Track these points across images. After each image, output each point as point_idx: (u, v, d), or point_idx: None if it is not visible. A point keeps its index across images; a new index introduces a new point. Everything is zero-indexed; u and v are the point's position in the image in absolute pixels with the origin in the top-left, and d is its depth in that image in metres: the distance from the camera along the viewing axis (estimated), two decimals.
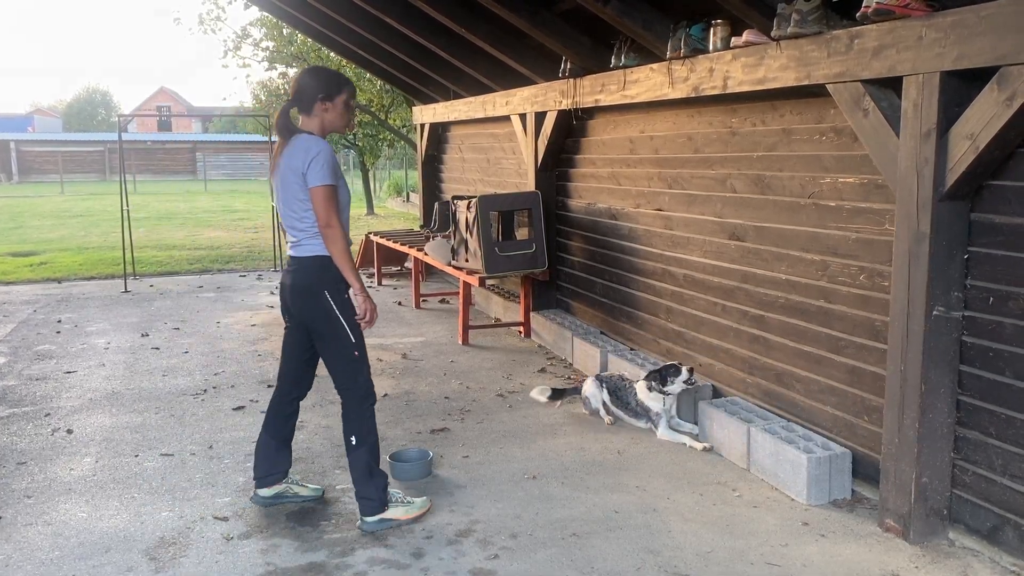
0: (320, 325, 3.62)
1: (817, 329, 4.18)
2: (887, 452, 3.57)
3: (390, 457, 4.29)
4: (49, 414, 5.31)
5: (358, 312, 3.64)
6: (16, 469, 4.40)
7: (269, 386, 5.83)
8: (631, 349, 5.95)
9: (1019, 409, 3.19)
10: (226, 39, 21.59)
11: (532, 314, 7.15)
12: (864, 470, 3.92)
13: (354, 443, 3.65)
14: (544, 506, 3.88)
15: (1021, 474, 3.20)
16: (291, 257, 3.67)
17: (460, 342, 7.06)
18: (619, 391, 4.99)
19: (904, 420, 3.45)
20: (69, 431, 4.98)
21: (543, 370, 6.21)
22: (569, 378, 5.97)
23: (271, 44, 17.74)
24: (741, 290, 4.76)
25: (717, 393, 5.03)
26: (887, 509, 3.57)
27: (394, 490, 3.77)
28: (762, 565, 3.31)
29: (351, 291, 3.63)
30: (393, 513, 3.66)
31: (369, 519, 3.63)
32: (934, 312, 3.35)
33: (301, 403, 3.98)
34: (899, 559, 3.35)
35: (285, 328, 3.89)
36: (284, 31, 17.14)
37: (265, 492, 3.86)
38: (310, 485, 3.98)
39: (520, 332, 7.27)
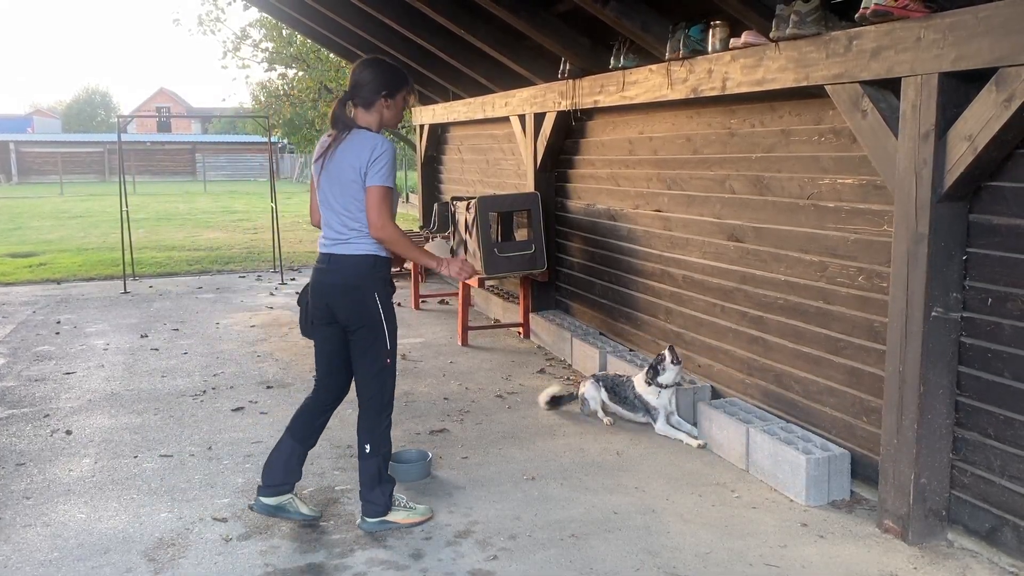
0: (362, 326, 3.51)
1: (816, 330, 4.18)
2: (886, 453, 3.57)
3: None
4: (48, 415, 5.31)
5: (462, 270, 3.64)
6: (15, 470, 4.40)
7: (268, 387, 5.83)
8: (630, 350, 5.95)
9: (1018, 410, 3.19)
10: (225, 40, 21.59)
11: (531, 315, 7.15)
12: (863, 471, 3.92)
13: (368, 451, 3.59)
14: (543, 507, 3.88)
15: (1020, 475, 3.20)
16: (331, 255, 3.52)
17: (459, 343, 7.06)
18: (617, 387, 5.00)
19: (903, 421, 3.46)
20: (68, 432, 4.98)
21: (542, 371, 6.21)
22: (568, 379, 5.97)
23: (270, 45, 17.76)
24: (740, 291, 4.76)
25: (716, 394, 5.03)
26: (886, 510, 3.58)
27: (399, 495, 3.74)
28: (761, 566, 3.32)
29: (438, 265, 3.62)
30: (394, 516, 3.65)
31: (370, 519, 3.63)
32: (933, 313, 3.35)
33: (298, 404, 3.94)
34: (898, 560, 3.35)
35: (320, 337, 3.67)
36: (283, 32, 17.15)
37: (270, 501, 3.68)
38: (310, 506, 3.80)
39: (519, 333, 7.27)
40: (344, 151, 3.44)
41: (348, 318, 3.53)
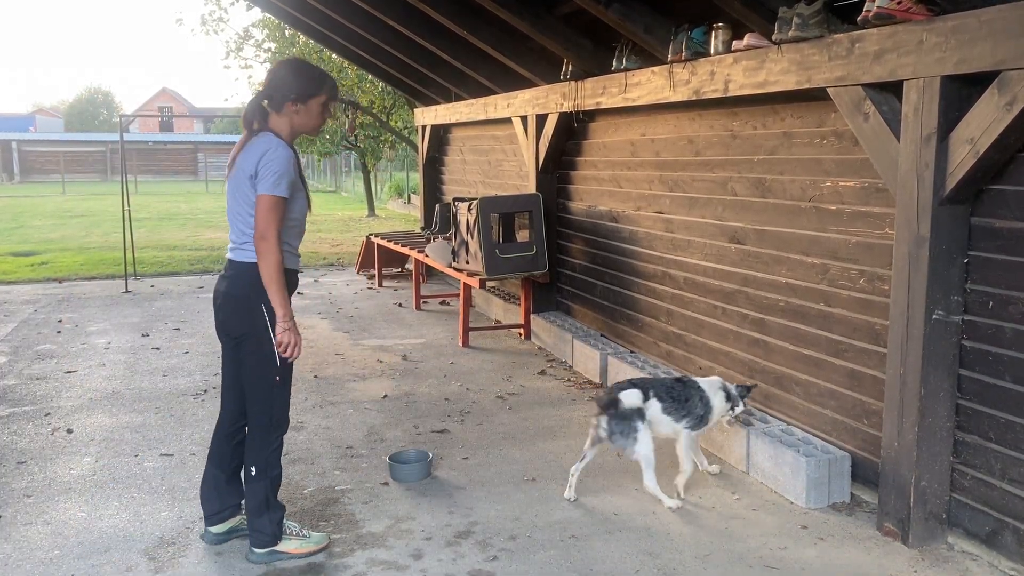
0: (248, 337, 3.31)
1: (817, 332, 4.18)
2: (886, 456, 3.57)
3: (389, 458, 4.30)
4: (49, 413, 5.31)
5: (279, 345, 3.27)
6: (16, 468, 4.40)
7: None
8: (631, 352, 5.95)
9: (1018, 413, 3.19)
10: (228, 40, 21.61)
11: (532, 316, 7.15)
12: (863, 474, 3.92)
13: (254, 474, 3.36)
14: (543, 508, 3.88)
15: (1020, 478, 3.20)
16: (229, 261, 3.36)
17: (460, 344, 7.06)
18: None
19: (903, 424, 3.46)
20: (69, 431, 4.98)
21: (543, 372, 6.21)
22: (569, 380, 5.97)
23: (273, 45, 17.78)
24: (741, 293, 4.76)
25: None
26: (886, 513, 3.58)
27: (290, 522, 3.51)
28: (760, 568, 3.32)
29: (282, 318, 3.25)
30: (286, 546, 3.42)
31: (258, 550, 3.40)
32: (934, 316, 3.35)
33: (299, 405, 3.92)
34: (898, 563, 3.35)
35: (223, 348, 3.51)
36: (286, 32, 17.17)
37: (217, 528, 3.54)
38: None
39: (520, 334, 7.27)
40: (243, 155, 3.27)
41: (234, 327, 3.35)
